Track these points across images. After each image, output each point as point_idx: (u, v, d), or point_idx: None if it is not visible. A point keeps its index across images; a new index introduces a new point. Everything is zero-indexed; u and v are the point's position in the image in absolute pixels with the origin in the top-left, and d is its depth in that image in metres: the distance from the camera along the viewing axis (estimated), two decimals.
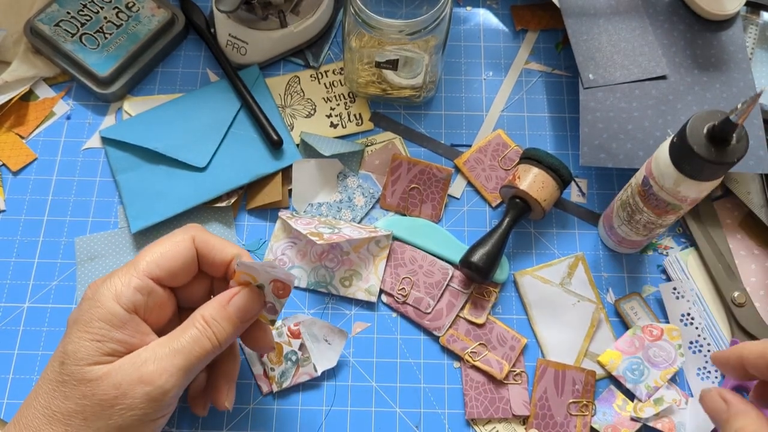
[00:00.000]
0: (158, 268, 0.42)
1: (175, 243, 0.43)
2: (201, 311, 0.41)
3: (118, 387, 0.38)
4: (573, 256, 0.56)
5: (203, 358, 0.40)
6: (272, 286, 0.43)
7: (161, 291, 0.42)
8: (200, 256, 0.44)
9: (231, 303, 0.42)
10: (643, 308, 0.54)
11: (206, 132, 0.59)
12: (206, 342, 0.40)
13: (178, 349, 0.39)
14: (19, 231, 0.57)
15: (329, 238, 0.52)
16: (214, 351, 0.41)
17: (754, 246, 0.56)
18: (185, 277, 0.44)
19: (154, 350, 0.39)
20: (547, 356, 0.53)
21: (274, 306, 0.44)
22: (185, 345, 0.40)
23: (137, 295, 0.40)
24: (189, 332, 0.40)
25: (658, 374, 0.51)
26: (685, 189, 0.44)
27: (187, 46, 0.65)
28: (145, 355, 0.39)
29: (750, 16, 0.64)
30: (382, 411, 0.51)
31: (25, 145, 0.60)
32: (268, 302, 0.44)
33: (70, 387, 0.38)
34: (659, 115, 0.56)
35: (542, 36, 0.66)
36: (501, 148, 0.60)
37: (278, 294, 0.43)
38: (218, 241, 0.44)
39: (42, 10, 0.61)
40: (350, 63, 0.58)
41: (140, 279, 0.41)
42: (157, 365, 0.38)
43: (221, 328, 0.41)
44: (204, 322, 0.41)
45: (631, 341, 0.52)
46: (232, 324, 0.42)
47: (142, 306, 0.41)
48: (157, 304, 0.42)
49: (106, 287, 0.40)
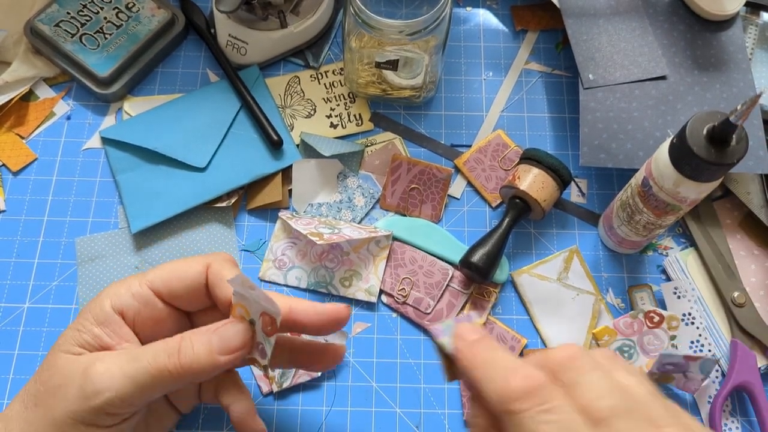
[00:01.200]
0: (161, 283, 0.41)
1: (188, 264, 0.41)
2: (187, 332, 0.38)
3: (64, 376, 0.37)
4: (567, 250, 0.56)
5: (160, 377, 0.36)
6: (261, 321, 0.38)
7: (160, 306, 0.41)
8: (210, 286, 0.41)
9: (216, 329, 0.38)
10: (650, 301, 0.54)
11: (206, 132, 0.59)
12: (166, 361, 0.36)
13: (134, 356, 0.37)
14: (19, 231, 0.57)
15: (329, 238, 0.52)
16: (173, 373, 0.36)
17: (754, 246, 0.56)
18: (188, 300, 0.41)
19: (115, 354, 0.37)
20: None
21: (264, 347, 0.39)
22: (145, 355, 0.37)
23: (130, 300, 0.40)
24: (154, 346, 0.37)
25: (645, 361, 0.52)
26: (685, 190, 0.44)
27: (187, 46, 0.65)
28: (102, 354, 0.38)
29: (750, 17, 0.64)
30: (382, 411, 0.51)
31: (25, 145, 0.60)
32: (258, 342, 0.39)
33: (41, 369, 0.39)
34: (659, 115, 0.56)
35: (542, 36, 0.66)
36: (501, 149, 0.60)
37: (266, 331, 0.39)
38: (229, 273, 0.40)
39: (42, 11, 0.61)
40: (350, 63, 0.58)
41: (141, 287, 0.40)
42: (107, 365, 0.36)
43: (191, 352, 0.37)
44: (178, 339, 0.37)
45: (630, 323, 0.53)
46: (208, 351, 0.37)
47: (133, 312, 0.40)
48: (152, 318, 0.40)
49: (112, 286, 0.41)
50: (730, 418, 0.51)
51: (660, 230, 0.51)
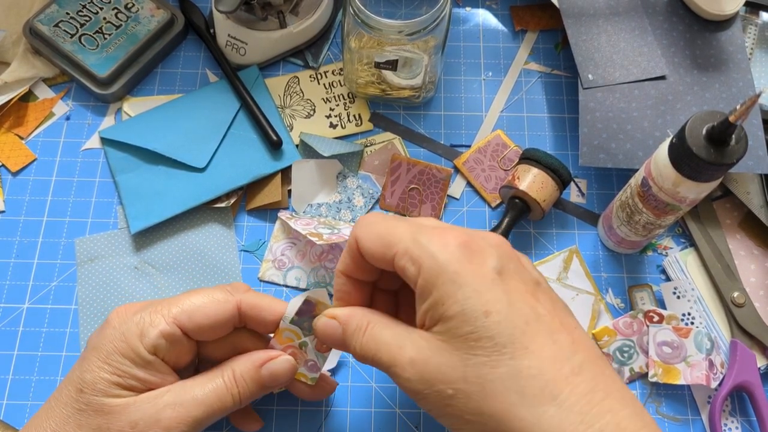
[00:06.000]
0: (189, 320, 0.40)
1: (216, 302, 0.41)
2: (232, 365, 0.41)
3: (135, 425, 0.37)
4: (567, 250, 0.56)
5: (221, 413, 0.40)
6: (316, 342, 0.42)
7: (185, 341, 0.41)
8: (249, 318, 0.42)
9: (265, 367, 0.41)
10: (650, 301, 0.54)
11: (206, 132, 0.59)
12: (228, 399, 0.39)
13: (200, 399, 0.39)
14: (19, 232, 0.57)
15: (329, 238, 0.52)
16: (232, 409, 0.40)
17: (754, 246, 0.56)
18: (213, 335, 0.42)
19: (176, 394, 0.39)
20: None
21: (316, 363, 0.43)
22: (208, 396, 0.39)
23: (161, 340, 0.39)
24: (215, 383, 0.40)
25: (645, 362, 0.52)
26: (685, 190, 0.44)
27: (186, 46, 0.65)
28: (167, 398, 0.38)
29: (749, 17, 0.64)
30: (382, 411, 0.51)
31: (24, 145, 0.60)
32: (309, 360, 0.43)
33: (86, 416, 0.38)
34: (658, 115, 0.56)
35: (542, 36, 0.66)
36: (500, 149, 0.60)
37: (322, 349, 0.42)
38: (267, 302, 0.42)
39: (41, 11, 0.61)
40: (349, 63, 0.58)
41: (169, 325, 0.40)
42: (177, 412, 0.38)
43: (247, 389, 0.40)
44: (233, 378, 0.40)
45: (630, 323, 0.53)
46: (260, 387, 0.41)
47: (163, 350, 0.40)
48: (177, 352, 0.41)
49: (134, 323, 0.40)
50: (729, 418, 0.51)
51: (659, 230, 0.51)
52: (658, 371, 0.50)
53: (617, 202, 0.52)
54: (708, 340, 0.50)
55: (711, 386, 0.50)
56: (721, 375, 0.51)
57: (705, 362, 0.50)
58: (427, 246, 0.34)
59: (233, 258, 0.56)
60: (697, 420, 0.51)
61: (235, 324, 0.43)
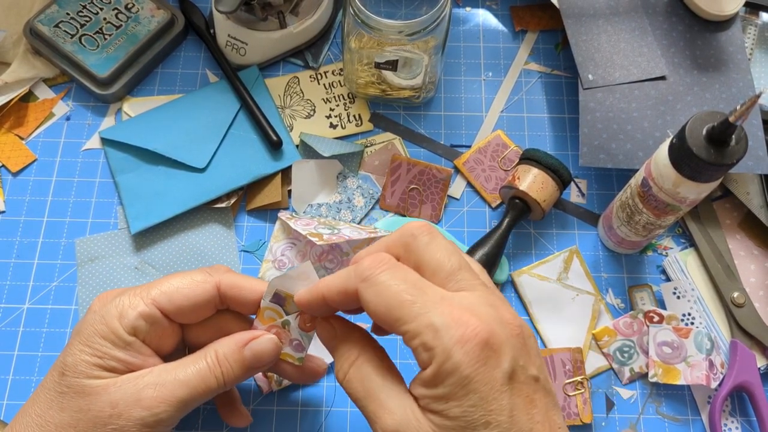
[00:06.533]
0: (169, 302, 0.40)
1: (194, 282, 0.41)
2: (215, 346, 0.40)
3: (115, 405, 0.37)
4: (567, 250, 0.56)
5: (205, 395, 0.39)
6: (299, 319, 0.41)
7: (166, 323, 0.41)
8: (230, 299, 0.42)
9: (248, 347, 0.41)
10: (650, 301, 0.54)
11: (206, 133, 0.59)
12: (212, 380, 0.39)
13: (182, 380, 0.38)
14: (19, 232, 0.57)
15: (329, 238, 0.52)
16: (217, 390, 0.40)
17: (754, 246, 0.56)
18: (195, 317, 0.42)
19: (158, 375, 0.38)
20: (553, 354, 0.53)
21: (301, 342, 0.42)
22: (191, 378, 0.39)
23: (140, 321, 0.40)
24: (198, 365, 0.39)
25: (645, 362, 0.52)
26: (685, 190, 0.44)
27: (186, 47, 0.65)
28: (148, 378, 0.38)
29: (749, 17, 0.64)
30: None
31: (24, 146, 0.60)
32: (294, 339, 0.42)
33: (68, 399, 0.38)
34: (658, 115, 0.56)
35: (542, 37, 0.66)
36: (500, 149, 0.60)
37: (305, 327, 0.41)
38: (247, 282, 0.42)
39: (42, 11, 0.61)
40: (350, 64, 0.58)
41: (147, 306, 0.40)
42: (158, 392, 0.38)
43: (231, 370, 0.40)
44: (215, 359, 0.40)
45: (630, 323, 0.53)
46: (244, 368, 0.40)
47: (143, 333, 0.40)
48: (158, 334, 0.41)
49: (114, 305, 0.40)
50: (729, 418, 0.51)
51: (660, 230, 0.51)
52: (658, 371, 0.50)
53: (617, 203, 0.52)
54: (708, 341, 0.51)
55: (711, 386, 0.50)
56: (721, 375, 0.51)
57: (705, 362, 0.50)
58: (443, 337, 0.32)
59: (233, 258, 0.56)
60: (697, 420, 0.51)
61: (217, 305, 0.42)
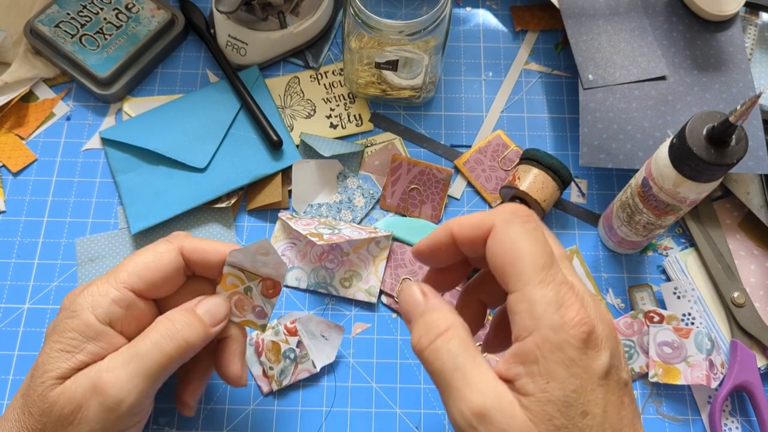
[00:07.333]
0: (140, 280, 0.40)
1: (158, 254, 0.41)
2: (168, 314, 0.40)
3: (74, 401, 0.36)
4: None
5: (167, 362, 0.38)
6: (261, 286, 0.41)
7: (141, 304, 0.40)
8: (194, 263, 0.42)
9: (198, 306, 0.40)
10: (651, 301, 0.54)
11: (206, 133, 0.59)
12: (169, 344, 0.38)
13: (136, 354, 0.37)
14: (19, 232, 0.57)
15: (329, 238, 0.52)
16: (180, 353, 0.38)
17: (754, 246, 0.56)
18: (168, 289, 0.42)
19: (111, 359, 0.37)
20: None
21: (263, 309, 0.42)
22: (146, 350, 0.38)
23: (114, 307, 0.39)
24: (150, 336, 0.38)
25: (645, 362, 0.52)
26: (685, 190, 0.44)
27: (186, 47, 0.65)
28: (101, 364, 0.37)
29: (749, 17, 0.64)
30: (383, 412, 0.51)
31: (25, 146, 0.60)
32: (256, 306, 0.42)
33: (32, 402, 0.37)
34: (659, 115, 0.56)
35: (542, 36, 0.66)
36: (501, 149, 0.60)
37: (267, 294, 0.41)
38: (209, 244, 0.42)
39: (42, 11, 0.61)
40: (350, 64, 0.58)
41: (119, 291, 0.39)
42: (113, 373, 0.36)
43: (189, 327, 0.39)
44: (169, 323, 0.39)
45: (630, 323, 0.53)
46: (201, 324, 0.40)
47: (119, 318, 0.39)
48: (135, 317, 0.40)
49: (83, 297, 0.39)
50: (730, 418, 0.51)
51: (660, 230, 0.51)
52: (658, 371, 0.50)
53: (617, 203, 0.52)
54: (708, 340, 0.51)
55: (711, 386, 0.50)
56: (722, 375, 0.51)
57: (705, 362, 0.50)
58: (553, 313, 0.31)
59: None
60: (697, 420, 0.51)
61: (185, 272, 0.42)
